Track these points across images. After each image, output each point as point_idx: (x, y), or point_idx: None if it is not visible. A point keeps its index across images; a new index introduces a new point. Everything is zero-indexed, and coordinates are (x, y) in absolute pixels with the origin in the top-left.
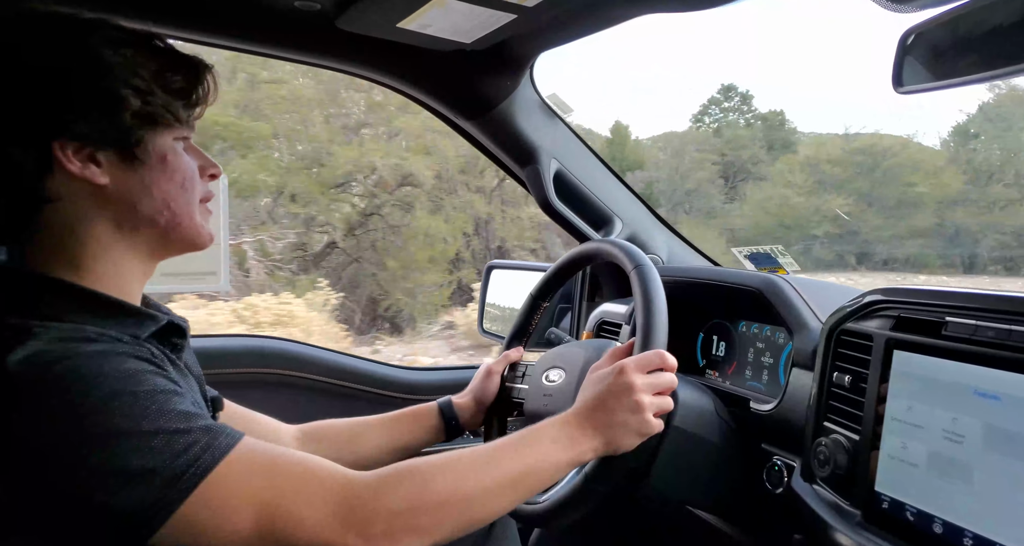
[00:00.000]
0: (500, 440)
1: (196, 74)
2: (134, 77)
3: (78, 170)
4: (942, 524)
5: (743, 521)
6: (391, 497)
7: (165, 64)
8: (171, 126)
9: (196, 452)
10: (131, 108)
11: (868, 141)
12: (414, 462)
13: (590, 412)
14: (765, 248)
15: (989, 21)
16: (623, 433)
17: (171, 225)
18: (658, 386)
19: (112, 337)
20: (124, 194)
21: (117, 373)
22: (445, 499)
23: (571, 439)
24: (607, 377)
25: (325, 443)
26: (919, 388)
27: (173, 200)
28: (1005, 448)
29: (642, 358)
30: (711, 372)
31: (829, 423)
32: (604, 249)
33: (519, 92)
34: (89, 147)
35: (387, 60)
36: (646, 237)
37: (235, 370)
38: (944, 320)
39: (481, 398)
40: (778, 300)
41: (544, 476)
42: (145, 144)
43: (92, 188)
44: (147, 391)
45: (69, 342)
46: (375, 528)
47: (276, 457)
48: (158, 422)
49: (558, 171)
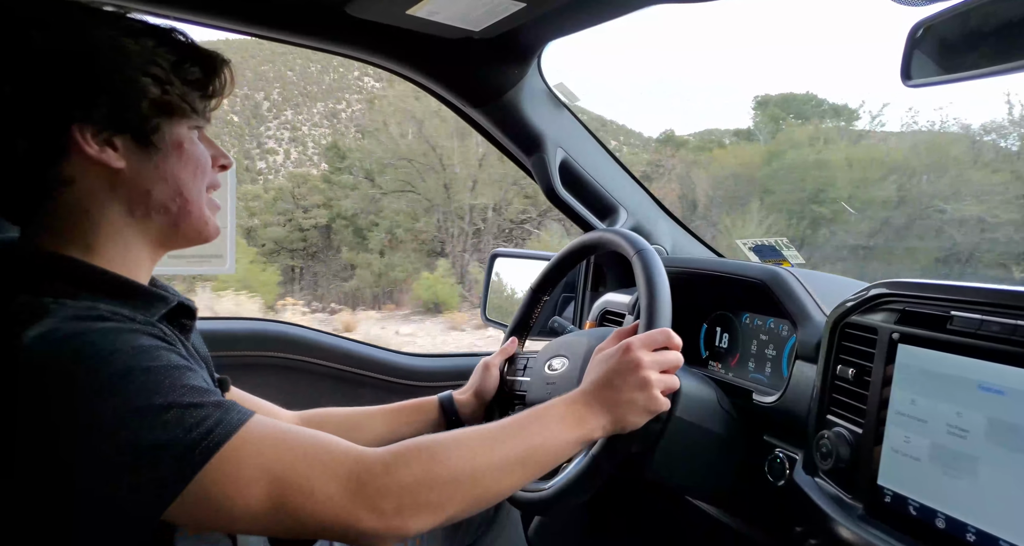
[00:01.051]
0: (509, 418)
1: (213, 67)
2: (153, 66)
3: (95, 153)
4: (945, 519)
5: (744, 513)
6: (402, 473)
7: (184, 56)
8: (187, 116)
9: (209, 426)
10: (150, 96)
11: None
12: (424, 439)
13: (598, 390)
14: (770, 240)
15: (999, 15)
16: (631, 410)
17: (182, 213)
18: (664, 364)
19: (124, 316)
20: (138, 179)
21: (130, 349)
22: (455, 476)
23: (579, 417)
24: (613, 356)
25: (325, 430)
26: (923, 382)
27: (185, 188)
28: (1009, 442)
29: (647, 336)
30: (714, 363)
31: (832, 416)
32: (606, 238)
33: (527, 81)
34: (107, 132)
35: (396, 47)
36: (650, 227)
37: (238, 353)
38: (949, 314)
39: (482, 393)
40: (782, 292)
41: (552, 453)
42: (162, 131)
43: (107, 172)
44: (160, 367)
45: (83, 320)
46: (386, 503)
47: (287, 432)
48: (171, 397)
49: (564, 160)
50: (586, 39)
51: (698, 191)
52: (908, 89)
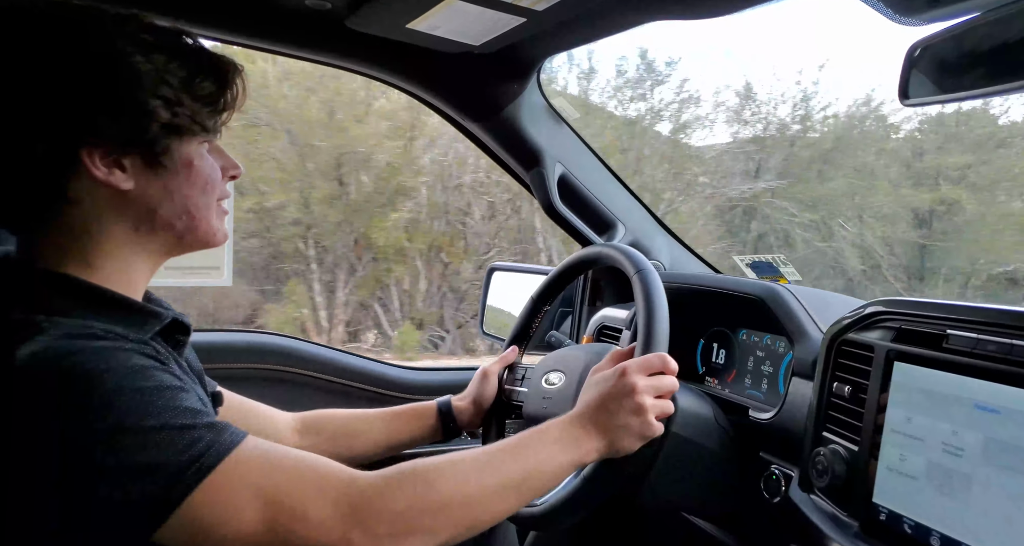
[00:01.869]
0: (502, 442)
1: (225, 79)
2: (164, 87)
3: (103, 175)
4: (940, 537)
5: (739, 530)
6: (395, 498)
7: (195, 70)
8: (197, 134)
9: (201, 448)
10: (160, 119)
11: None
12: (417, 463)
13: (593, 413)
14: (767, 257)
15: (996, 36)
16: (625, 434)
17: (188, 228)
18: (660, 389)
19: (118, 334)
20: (146, 199)
21: (123, 369)
22: (447, 501)
23: (574, 440)
24: (609, 379)
25: (323, 435)
26: (919, 400)
27: (194, 205)
28: (1005, 462)
29: (644, 360)
30: (711, 380)
31: (828, 433)
32: (606, 253)
33: (526, 95)
34: (115, 153)
35: (396, 60)
36: (648, 242)
37: (233, 365)
38: (945, 333)
39: (479, 401)
40: (779, 309)
41: (547, 477)
42: (171, 151)
43: (114, 192)
44: (152, 387)
45: (76, 339)
46: (379, 528)
47: (281, 455)
48: (163, 418)
49: (562, 175)
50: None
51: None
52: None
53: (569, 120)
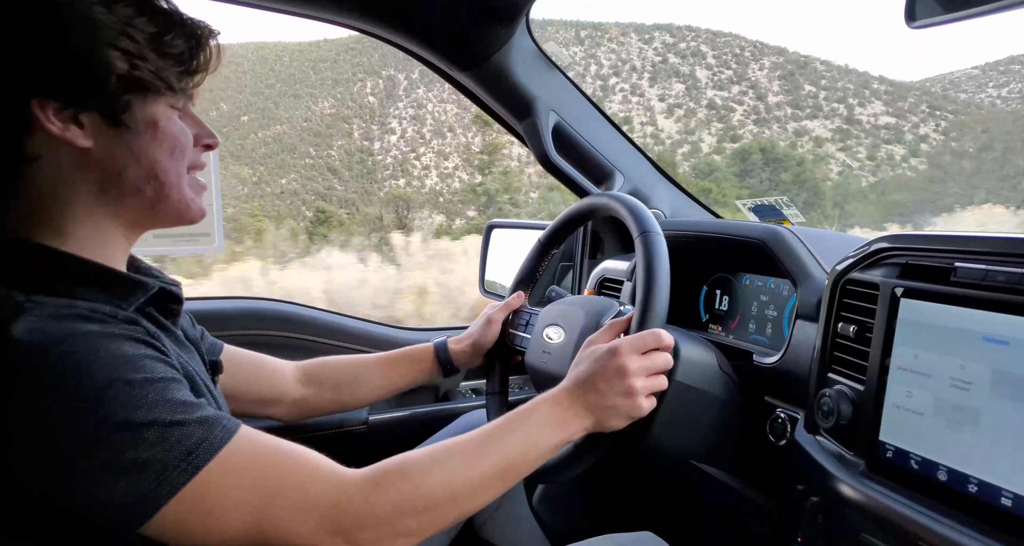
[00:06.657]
0: (489, 427)
1: (198, 39)
2: (125, 39)
3: (58, 131)
4: (947, 471)
5: (747, 474)
6: (380, 502)
7: (165, 27)
8: (163, 93)
9: (190, 446)
10: (116, 71)
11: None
12: (404, 461)
13: (582, 392)
14: (769, 199)
15: None
16: (613, 414)
17: (159, 197)
18: (652, 368)
19: (106, 314)
20: (108, 159)
21: (113, 359)
22: (433, 501)
23: (562, 421)
24: (601, 358)
25: (326, 385)
26: (926, 336)
27: (162, 170)
28: (1013, 393)
29: (638, 339)
30: (714, 326)
31: (833, 374)
32: (614, 205)
33: (515, 41)
34: (71, 108)
35: (379, 9)
36: (648, 191)
37: (232, 332)
38: (953, 266)
39: (480, 343)
40: (782, 251)
41: (532, 461)
42: (133, 110)
43: (74, 150)
44: (143, 379)
45: (63, 321)
46: (364, 534)
47: (270, 455)
48: (153, 413)
49: (557, 124)
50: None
51: None
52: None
53: (561, 65)
